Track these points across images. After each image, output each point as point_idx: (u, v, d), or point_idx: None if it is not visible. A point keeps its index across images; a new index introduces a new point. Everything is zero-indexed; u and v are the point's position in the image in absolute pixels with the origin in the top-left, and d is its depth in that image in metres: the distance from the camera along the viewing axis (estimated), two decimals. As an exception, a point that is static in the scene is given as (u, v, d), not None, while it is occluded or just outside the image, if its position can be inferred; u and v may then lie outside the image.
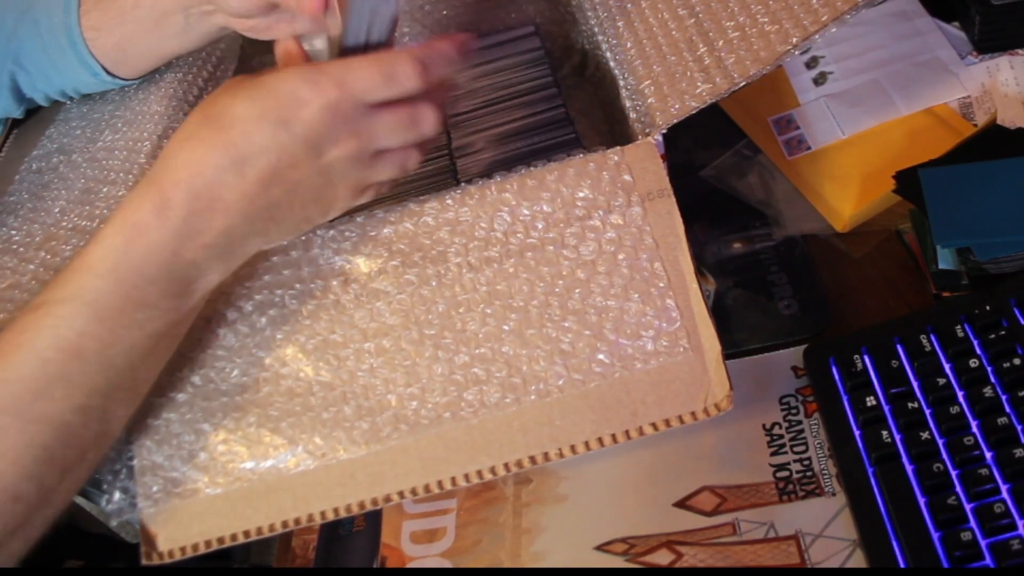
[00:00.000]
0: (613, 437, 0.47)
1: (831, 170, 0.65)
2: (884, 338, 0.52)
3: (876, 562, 0.46)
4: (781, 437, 0.53)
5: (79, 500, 0.53)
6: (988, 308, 0.51)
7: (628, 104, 0.53)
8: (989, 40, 0.67)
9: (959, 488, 0.46)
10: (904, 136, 0.65)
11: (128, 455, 0.50)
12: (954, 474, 0.46)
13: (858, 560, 0.47)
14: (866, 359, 0.52)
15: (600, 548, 0.51)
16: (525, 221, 0.50)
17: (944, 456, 0.47)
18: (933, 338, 0.51)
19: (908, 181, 0.60)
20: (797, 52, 0.48)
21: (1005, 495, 0.45)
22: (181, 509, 0.49)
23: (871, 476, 0.48)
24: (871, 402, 0.50)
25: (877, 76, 0.68)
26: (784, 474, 0.51)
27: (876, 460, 0.48)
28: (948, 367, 0.50)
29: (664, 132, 0.50)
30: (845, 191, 0.63)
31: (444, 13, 0.68)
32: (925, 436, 0.48)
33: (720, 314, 0.60)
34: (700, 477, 0.52)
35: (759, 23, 0.50)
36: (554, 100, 0.60)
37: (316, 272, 0.51)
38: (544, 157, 0.52)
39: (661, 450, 0.54)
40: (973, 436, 0.47)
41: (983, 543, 0.44)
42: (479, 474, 0.47)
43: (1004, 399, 0.48)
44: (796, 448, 0.52)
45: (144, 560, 0.49)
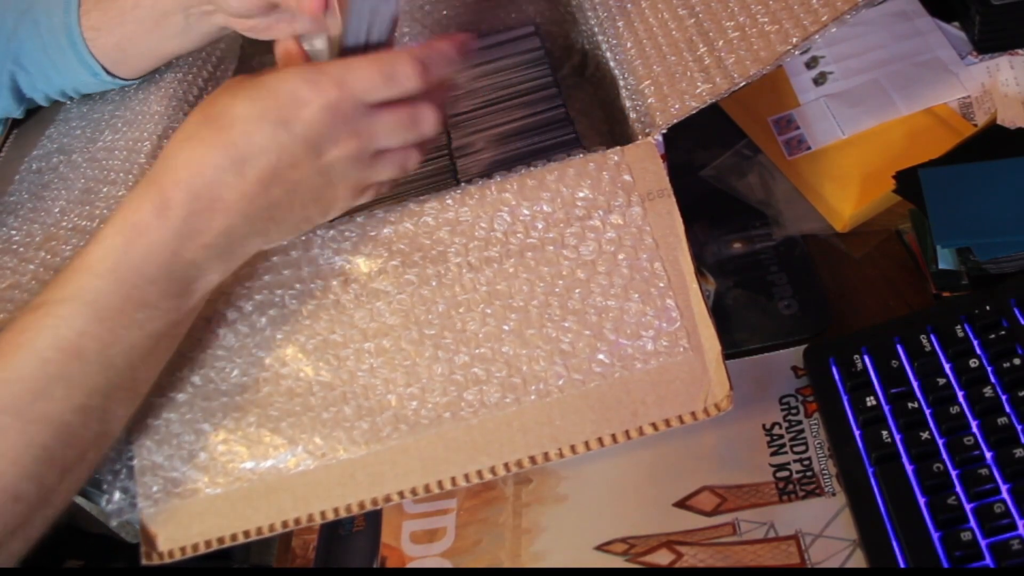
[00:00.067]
0: (613, 437, 0.47)
1: (831, 170, 0.65)
2: (884, 338, 0.52)
3: (876, 562, 0.46)
4: (781, 437, 0.53)
5: (79, 500, 0.53)
6: (988, 308, 0.51)
7: (628, 104, 0.53)
8: (989, 40, 0.67)
9: (959, 488, 0.46)
10: (904, 136, 0.65)
11: (128, 455, 0.50)
12: (954, 474, 0.46)
13: (858, 560, 0.47)
14: (866, 359, 0.52)
15: (600, 548, 0.51)
16: (525, 221, 0.50)
17: (944, 456, 0.47)
18: (933, 338, 0.51)
19: (908, 181, 0.60)
20: (797, 52, 0.48)
21: (1005, 495, 0.45)
22: (181, 509, 0.49)
23: (871, 476, 0.48)
24: (871, 402, 0.50)
25: (877, 76, 0.68)
26: (784, 474, 0.51)
27: (876, 460, 0.48)
28: (948, 367, 0.50)
29: (664, 132, 0.50)
30: (845, 191, 0.63)
31: (444, 13, 0.68)
32: (925, 436, 0.48)
33: (720, 314, 0.60)
34: (700, 477, 0.52)
35: (759, 23, 0.50)
36: (554, 100, 0.60)
37: (316, 272, 0.51)
38: (544, 157, 0.52)
39: (661, 450, 0.54)
40: (973, 436, 0.47)
41: (983, 543, 0.44)
42: (479, 474, 0.47)
43: (1004, 399, 0.48)
44: (796, 448, 0.52)
45: (144, 560, 0.49)
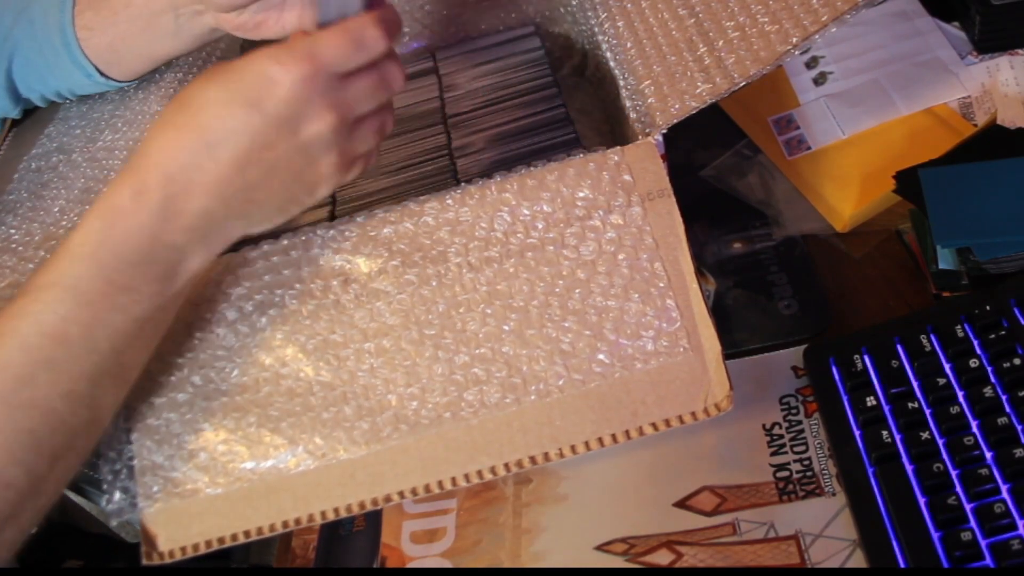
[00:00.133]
0: (613, 437, 0.47)
1: (831, 170, 0.65)
2: (884, 338, 0.52)
3: (876, 562, 0.46)
4: (781, 437, 0.53)
5: (79, 500, 0.53)
6: (988, 308, 0.51)
7: (628, 104, 0.53)
8: (989, 40, 0.67)
9: (959, 488, 0.46)
10: (904, 136, 0.65)
11: (128, 455, 0.50)
12: (954, 474, 0.46)
13: (858, 560, 0.47)
14: (866, 359, 0.52)
15: (600, 548, 0.51)
16: (525, 221, 0.50)
17: (944, 456, 0.47)
18: (933, 338, 0.51)
19: (908, 181, 0.60)
20: (797, 52, 0.48)
21: (1005, 495, 0.45)
22: (181, 509, 0.49)
23: (871, 476, 0.48)
24: (871, 402, 0.50)
25: (877, 76, 0.68)
26: (784, 474, 0.51)
27: (876, 460, 0.48)
28: (948, 367, 0.50)
29: (664, 132, 0.50)
30: (845, 191, 0.63)
31: (444, 13, 0.68)
32: (925, 436, 0.48)
33: (720, 314, 0.60)
34: (700, 477, 0.52)
35: (759, 23, 0.50)
36: (554, 100, 0.60)
37: (316, 272, 0.51)
38: (544, 157, 0.52)
39: (661, 450, 0.54)
40: (973, 436, 0.47)
41: (983, 543, 0.44)
42: (479, 474, 0.47)
43: (1004, 399, 0.48)
44: (796, 448, 0.52)
45: (144, 560, 0.49)
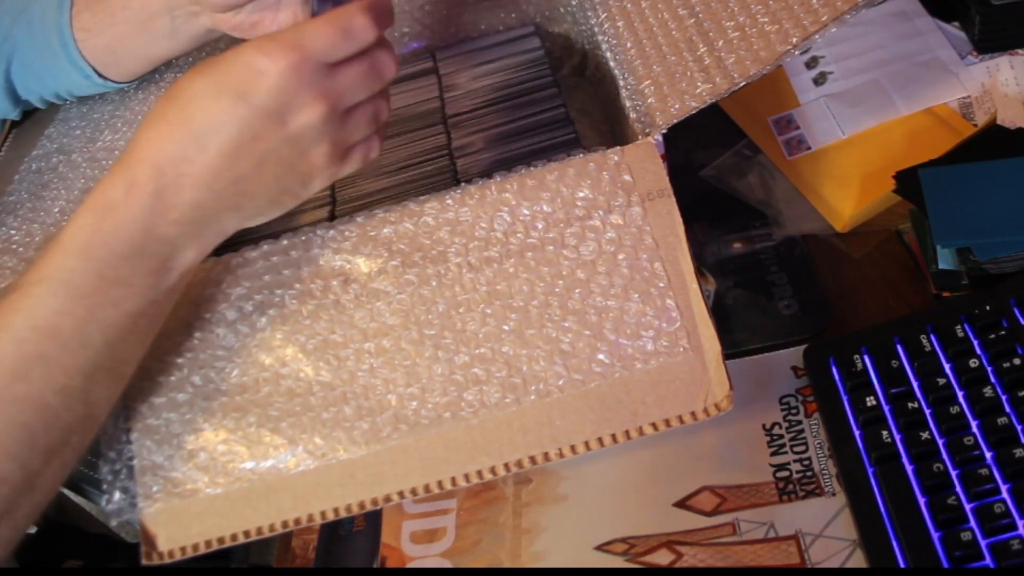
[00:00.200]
0: (613, 437, 0.47)
1: (831, 170, 0.65)
2: (884, 338, 0.52)
3: (876, 562, 0.46)
4: (781, 437, 0.53)
5: (79, 500, 0.53)
6: (988, 308, 0.51)
7: (628, 104, 0.53)
8: (989, 40, 0.67)
9: (959, 488, 0.46)
10: (904, 136, 0.65)
11: (128, 455, 0.50)
12: (954, 474, 0.46)
13: (858, 560, 0.47)
14: (866, 359, 0.52)
15: (600, 548, 0.51)
16: (525, 221, 0.50)
17: (944, 456, 0.47)
18: (933, 338, 0.51)
19: (908, 181, 0.60)
20: (797, 52, 0.48)
21: (1005, 495, 0.45)
22: (181, 509, 0.49)
23: (871, 476, 0.48)
24: (871, 402, 0.50)
25: (877, 76, 0.68)
26: (784, 474, 0.51)
27: (876, 460, 0.48)
28: (948, 367, 0.50)
29: (664, 132, 0.50)
30: (845, 191, 0.63)
31: (444, 13, 0.68)
32: (925, 436, 0.48)
33: (720, 314, 0.60)
34: (700, 477, 0.52)
35: (759, 23, 0.50)
36: (554, 100, 0.60)
37: (316, 272, 0.51)
38: (544, 157, 0.52)
39: (661, 450, 0.54)
40: (973, 436, 0.47)
41: (983, 543, 0.44)
42: (479, 474, 0.47)
43: (1004, 399, 0.48)
44: (796, 448, 0.52)
45: (144, 560, 0.49)
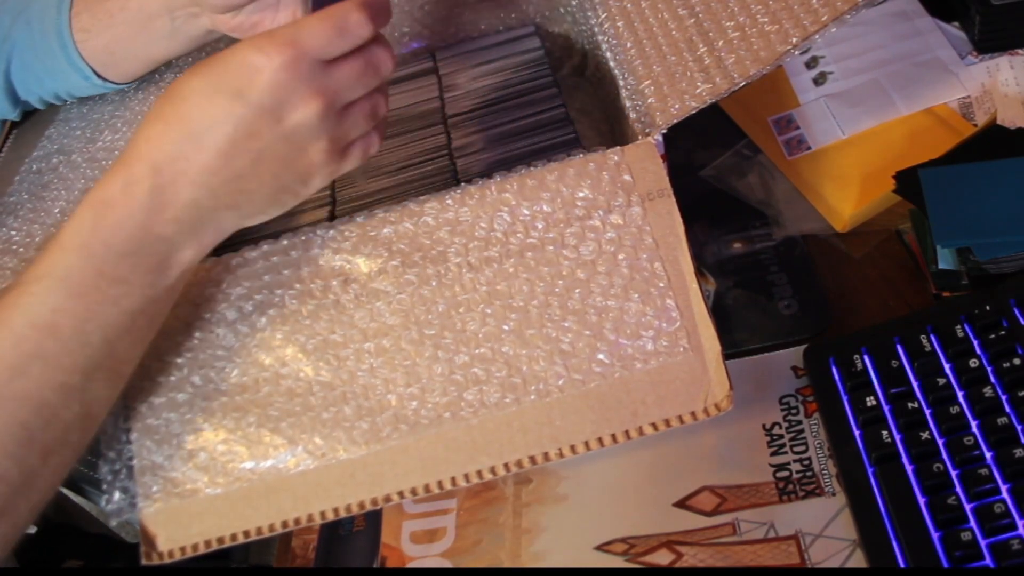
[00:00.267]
0: (613, 437, 0.47)
1: (831, 170, 0.65)
2: (884, 338, 0.52)
3: (876, 562, 0.46)
4: (781, 437, 0.53)
5: (79, 500, 0.53)
6: (988, 308, 0.51)
7: (628, 104, 0.53)
8: (989, 40, 0.67)
9: (959, 488, 0.46)
10: (904, 136, 0.65)
11: (128, 455, 0.50)
12: (954, 474, 0.46)
13: (858, 560, 0.47)
14: (866, 359, 0.52)
15: (600, 548, 0.51)
16: (525, 221, 0.50)
17: (944, 456, 0.47)
18: (933, 338, 0.51)
19: (908, 181, 0.60)
20: (797, 52, 0.48)
21: (1005, 495, 0.45)
22: (181, 509, 0.49)
23: (871, 476, 0.48)
24: (871, 402, 0.50)
25: (877, 76, 0.68)
26: (784, 474, 0.51)
27: (876, 460, 0.48)
28: (948, 367, 0.50)
29: (664, 132, 0.50)
30: (845, 191, 0.63)
31: (444, 13, 0.68)
32: (925, 436, 0.48)
33: (720, 314, 0.60)
34: (700, 477, 0.52)
35: (759, 23, 0.50)
36: (554, 100, 0.60)
37: (316, 272, 0.51)
38: (544, 157, 0.52)
39: (661, 450, 0.54)
40: (973, 436, 0.47)
41: (983, 543, 0.44)
42: (479, 474, 0.47)
43: (1004, 399, 0.48)
44: (796, 448, 0.52)
45: (144, 560, 0.49)
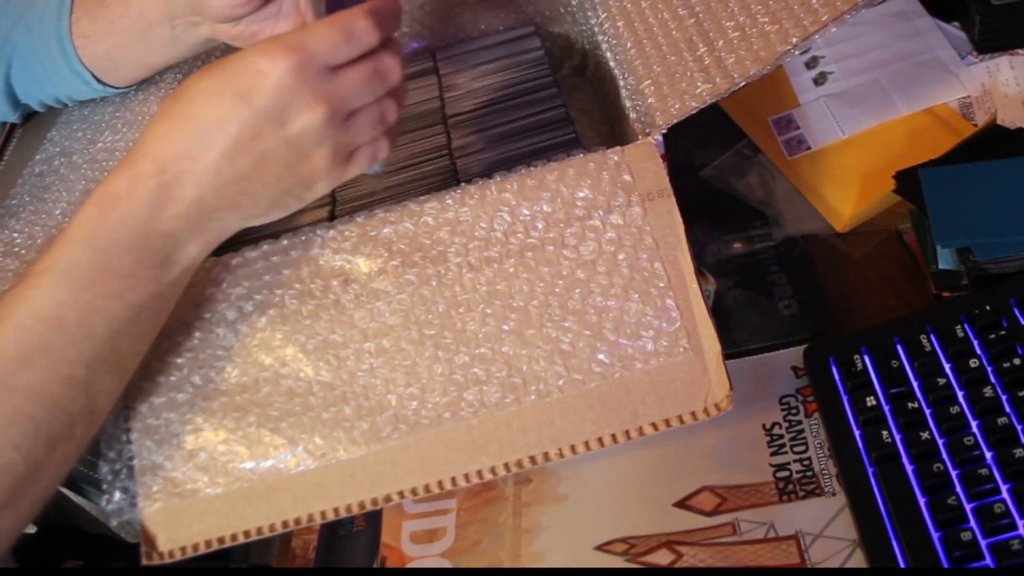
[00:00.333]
0: (613, 437, 0.47)
1: (831, 170, 0.65)
2: (884, 338, 0.52)
3: (876, 562, 0.46)
4: (781, 437, 0.53)
5: (79, 500, 0.53)
6: (988, 308, 0.51)
7: (628, 104, 0.53)
8: (989, 40, 0.67)
9: (959, 488, 0.46)
10: (904, 136, 0.65)
11: (128, 455, 0.50)
12: (954, 474, 0.46)
13: (858, 560, 0.47)
14: (866, 359, 0.52)
15: (600, 548, 0.51)
16: (525, 221, 0.50)
17: (944, 456, 0.47)
18: (933, 338, 0.51)
19: (908, 181, 0.60)
20: (797, 52, 0.48)
21: (1005, 495, 0.45)
22: (181, 509, 0.49)
23: (871, 476, 0.48)
24: (871, 402, 0.50)
25: (877, 76, 0.68)
26: (784, 474, 0.51)
27: (876, 460, 0.48)
28: (948, 367, 0.50)
29: (664, 132, 0.50)
30: (845, 191, 0.63)
31: (444, 13, 0.68)
32: (925, 436, 0.48)
33: (720, 314, 0.60)
34: (700, 477, 0.52)
35: (759, 23, 0.50)
36: (554, 100, 0.60)
37: (316, 272, 0.51)
38: (544, 157, 0.52)
39: (661, 450, 0.54)
40: (973, 436, 0.47)
41: (983, 543, 0.44)
42: (479, 474, 0.47)
43: (1004, 399, 0.48)
44: (796, 448, 0.52)
45: (144, 560, 0.49)
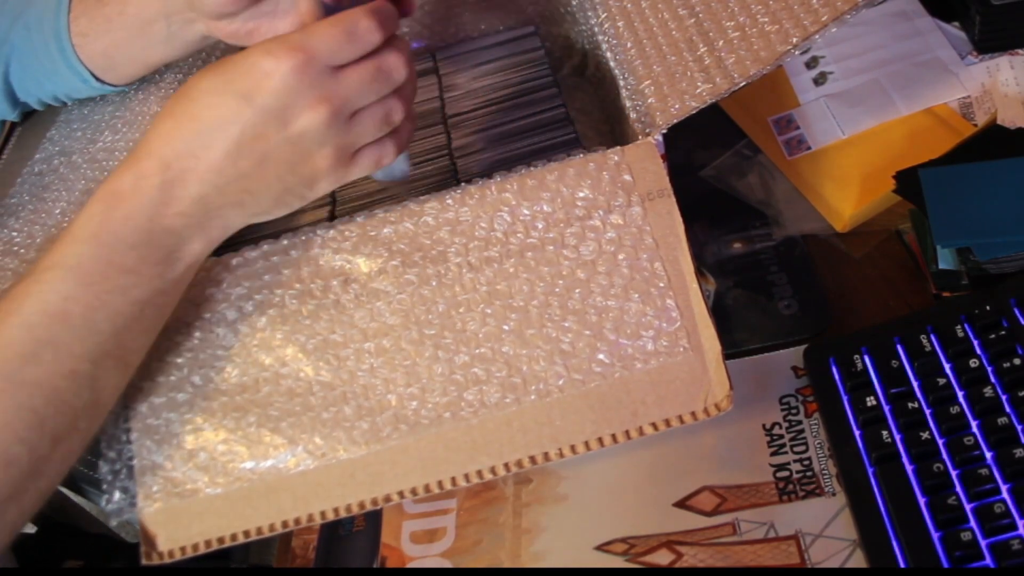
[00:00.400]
0: (613, 437, 0.47)
1: (831, 170, 0.65)
2: (884, 338, 0.52)
3: (876, 562, 0.46)
4: (781, 437, 0.53)
5: (79, 500, 0.53)
6: (988, 308, 0.51)
7: (628, 104, 0.53)
8: (989, 40, 0.67)
9: (959, 488, 0.46)
10: (904, 136, 0.65)
11: (128, 455, 0.50)
12: (954, 474, 0.46)
13: (858, 560, 0.47)
14: (866, 359, 0.52)
15: (600, 548, 0.51)
16: (525, 221, 0.50)
17: (944, 456, 0.47)
18: (933, 338, 0.51)
19: (908, 181, 0.60)
20: (797, 52, 0.48)
21: (1005, 495, 0.45)
22: (181, 509, 0.49)
23: (871, 476, 0.48)
24: (871, 402, 0.50)
25: (877, 76, 0.68)
26: (784, 474, 0.51)
27: (876, 460, 0.48)
28: (948, 367, 0.50)
29: (664, 132, 0.50)
30: (845, 191, 0.63)
31: (444, 13, 0.68)
32: (925, 436, 0.48)
33: (720, 314, 0.60)
34: (700, 477, 0.52)
35: (759, 23, 0.50)
36: (554, 100, 0.60)
37: (316, 272, 0.51)
38: (544, 157, 0.52)
39: (661, 450, 0.54)
40: (973, 436, 0.47)
41: (983, 543, 0.44)
42: (479, 474, 0.47)
43: (1004, 399, 0.48)
44: (796, 448, 0.52)
45: (144, 560, 0.49)
